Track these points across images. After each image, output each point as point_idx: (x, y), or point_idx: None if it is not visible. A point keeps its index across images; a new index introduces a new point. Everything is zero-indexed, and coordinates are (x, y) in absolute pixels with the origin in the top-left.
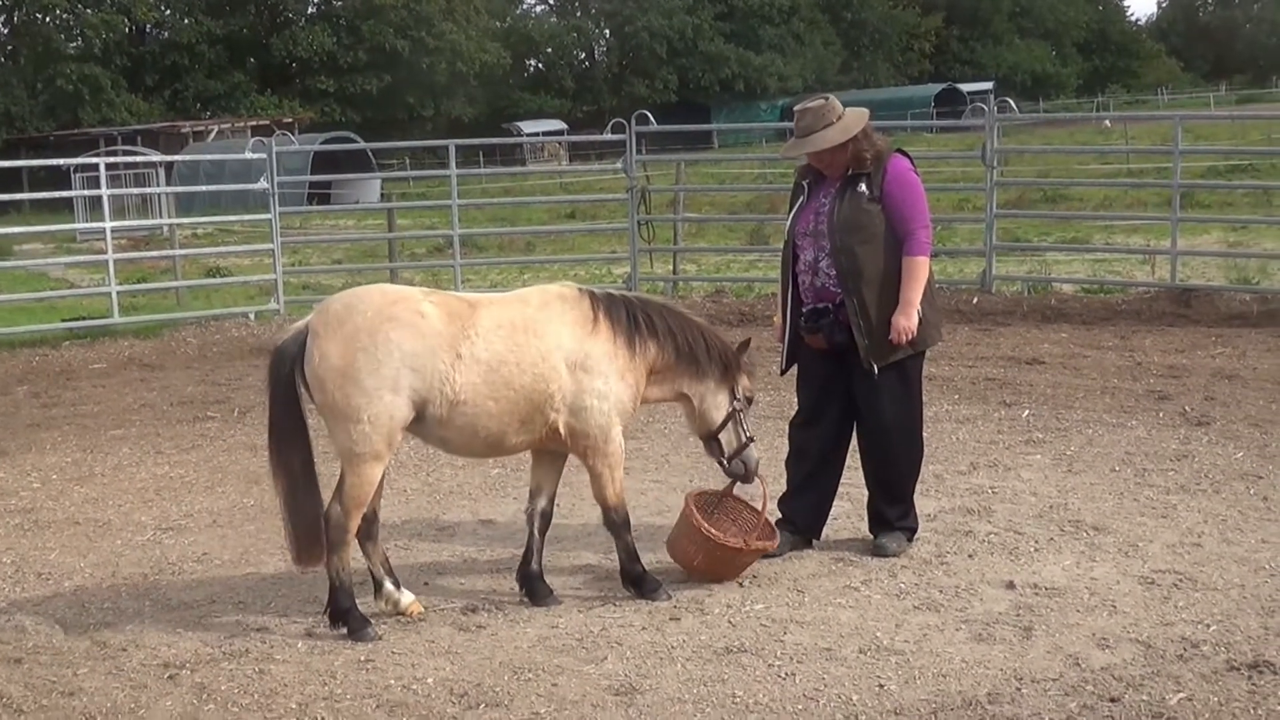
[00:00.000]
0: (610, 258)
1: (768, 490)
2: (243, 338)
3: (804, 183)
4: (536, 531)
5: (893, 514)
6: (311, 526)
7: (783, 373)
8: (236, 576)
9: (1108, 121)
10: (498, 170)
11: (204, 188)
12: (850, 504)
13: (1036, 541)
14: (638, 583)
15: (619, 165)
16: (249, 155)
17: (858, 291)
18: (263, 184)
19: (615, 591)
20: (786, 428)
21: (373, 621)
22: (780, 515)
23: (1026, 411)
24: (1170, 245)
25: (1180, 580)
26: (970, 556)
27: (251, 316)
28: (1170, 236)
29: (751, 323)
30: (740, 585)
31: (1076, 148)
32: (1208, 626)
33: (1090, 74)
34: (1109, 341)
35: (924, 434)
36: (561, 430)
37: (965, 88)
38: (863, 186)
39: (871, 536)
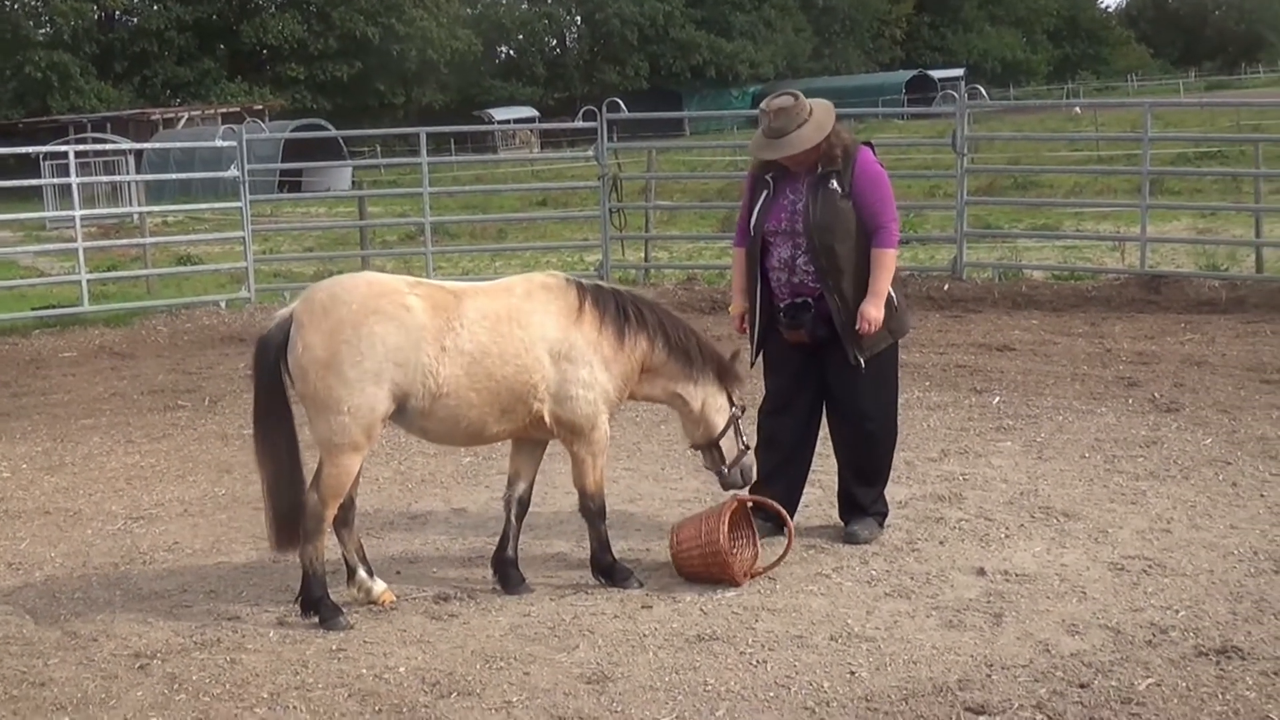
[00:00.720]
0: (582, 245)
1: (792, 530)
2: (214, 326)
3: (767, 177)
4: (513, 518)
5: (866, 499)
6: (293, 514)
7: (751, 365)
8: (208, 565)
9: (1078, 108)
10: (469, 158)
11: (174, 175)
12: (821, 490)
13: (1007, 528)
14: (608, 572)
15: (590, 152)
16: (219, 143)
17: (839, 289)
18: (233, 171)
19: (587, 579)
20: (756, 415)
21: (345, 610)
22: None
23: (997, 398)
24: (1140, 232)
25: (1149, 566)
26: (941, 543)
27: (222, 304)
28: (1140, 223)
29: (723, 310)
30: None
31: (1047, 135)
32: (1176, 612)
33: (1060, 61)
34: (1079, 328)
35: (895, 425)
36: (547, 419)
37: (936, 74)
38: (834, 183)
39: (843, 523)
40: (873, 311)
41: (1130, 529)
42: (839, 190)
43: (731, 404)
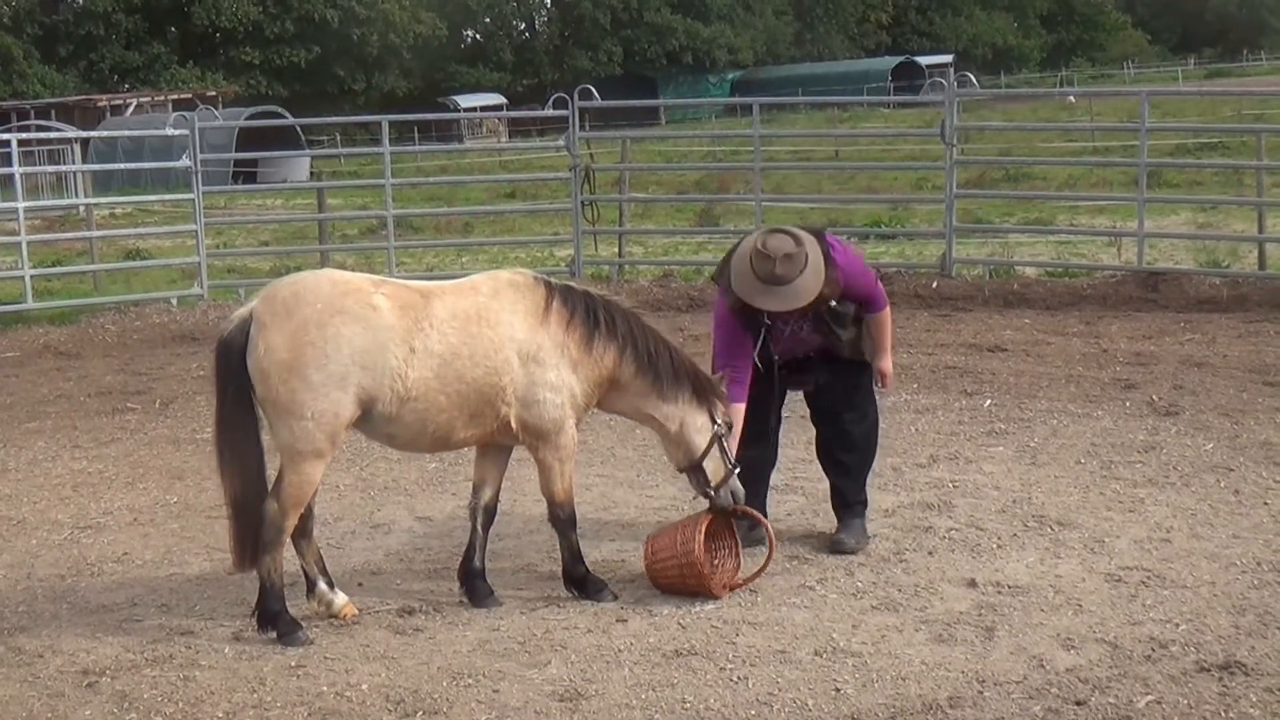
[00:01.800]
0: (552, 240)
1: (773, 539)
2: (164, 324)
3: (760, 314)
4: (479, 527)
5: (854, 495)
6: (258, 529)
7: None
8: (159, 577)
9: (1072, 97)
10: (433, 147)
11: (122, 165)
12: (805, 498)
13: (999, 538)
14: (581, 584)
15: (561, 142)
16: (170, 131)
17: (842, 342)
18: (185, 161)
19: (559, 592)
20: None
21: (304, 625)
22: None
23: (988, 401)
24: (1137, 227)
25: (1148, 578)
26: (930, 554)
27: (174, 301)
28: (1137, 217)
29: (701, 307)
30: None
31: (1039, 124)
32: (1177, 626)
33: (1054, 47)
34: (1074, 327)
35: (881, 424)
36: (513, 423)
37: (924, 60)
38: (834, 300)
39: (835, 522)
40: (888, 366)
41: (1128, 538)
42: (836, 302)
43: (714, 421)
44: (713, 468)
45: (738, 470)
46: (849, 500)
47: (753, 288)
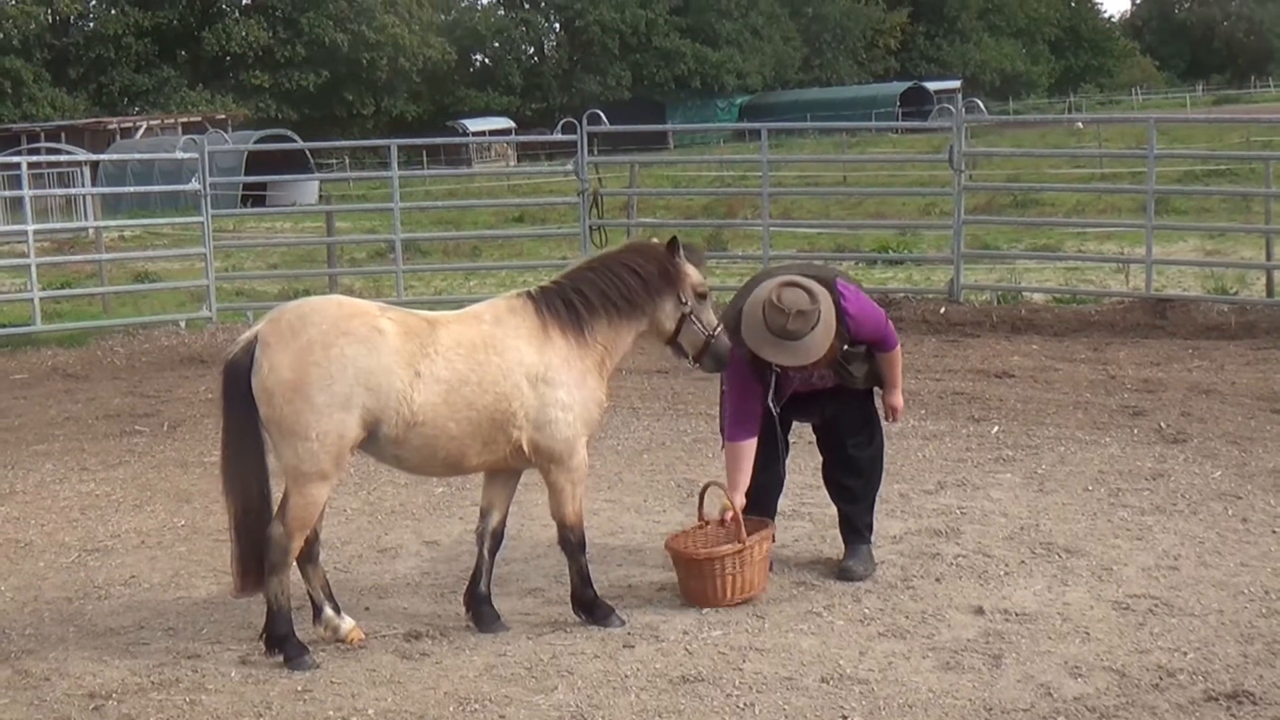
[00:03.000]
0: (560, 264)
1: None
2: (173, 346)
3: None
4: (486, 552)
5: (860, 521)
6: (261, 553)
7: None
8: (166, 601)
9: (1080, 123)
10: (442, 171)
11: (132, 188)
12: (811, 524)
13: (1006, 565)
14: (589, 608)
15: (569, 166)
16: (179, 154)
17: (854, 378)
18: (194, 184)
19: (566, 617)
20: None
21: (311, 649)
22: None
23: (996, 427)
24: (1145, 253)
25: (1156, 605)
26: (937, 580)
27: (182, 324)
28: (1145, 244)
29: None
30: (698, 611)
31: (1048, 150)
32: (1185, 654)
33: (1062, 73)
34: (1081, 354)
35: (887, 450)
36: (525, 446)
37: (932, 86)
38: (846, 346)
39: (842, 548)
40: (899, 401)
41: (1136, 566)
42: (849, 346)
43: (680, 301)
44: (688, 341)
45: (718, 331)
46: (856, 526)
47: (763, 340)
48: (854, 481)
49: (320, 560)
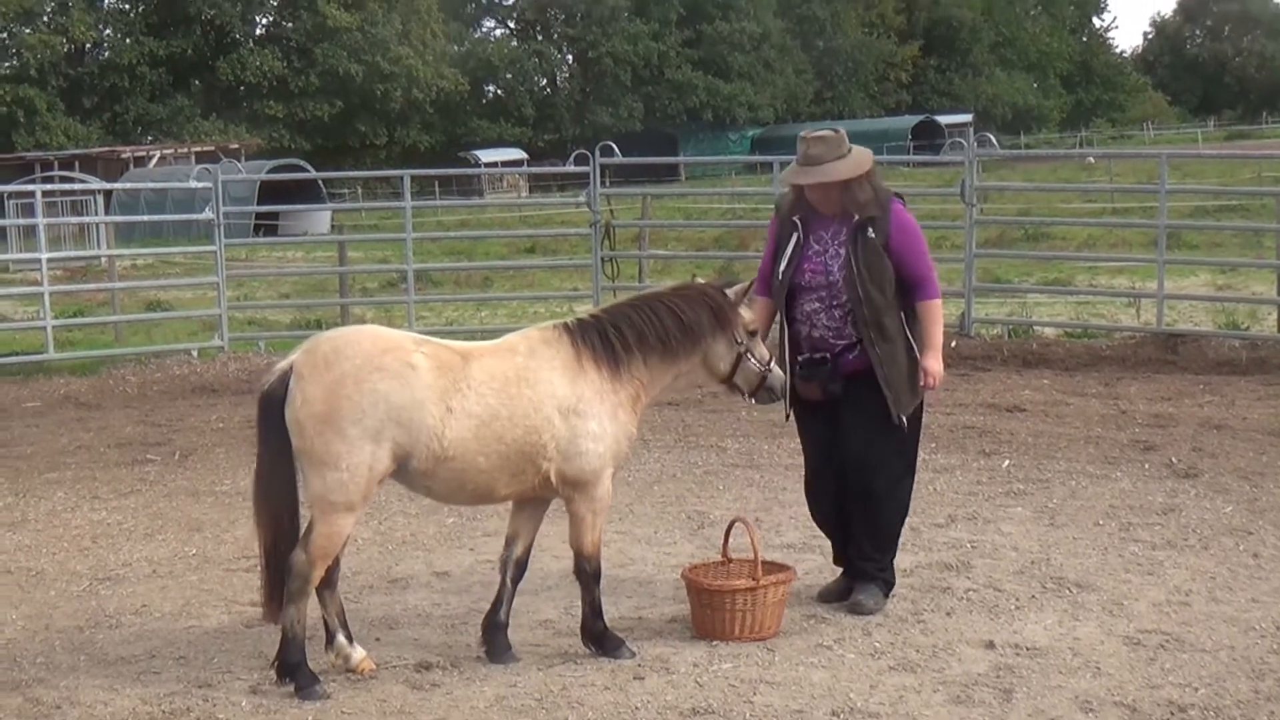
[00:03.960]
0: (572, 295)
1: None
2: (185, 375)
3: (795, 219)
4: (508, 580)
5: (872, 566)
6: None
7: (786, 419)
8: (177, 630)
9: (1091, 158)
10: (454, 201)
11: (145, 217)
12: (823, 557)
13: (1017, 599)
14: (599, 640)
15: (581, 198)
16: (193, 183)
17: (880, 343)
18: (207, 213)
19: (576, 648)
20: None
21: (321, 679)
22: (842, 565)
23: (1007, 461)
24: (1156, 288)
25: (1167, 641)
26: (948, 614)
27: (194, 353)
28: (1156, 278)
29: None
30: (709, 644)
31: (1059, 185)
32: (1196, 690)
33: (1074, 108)
34: (1093, 388)
35: (910, 489)
36: (553, 476)
37: (943, 120)
38: (872, 233)
39: (851, 587)
40: (936, 365)
41: (1147, 601)
42: (877, 240)
43: (735, 341)
44: (744, 380)
45: (771, 366)
46: (867, 554)
47: (790, 171)
48: (871, 512)
49: (338, 588)
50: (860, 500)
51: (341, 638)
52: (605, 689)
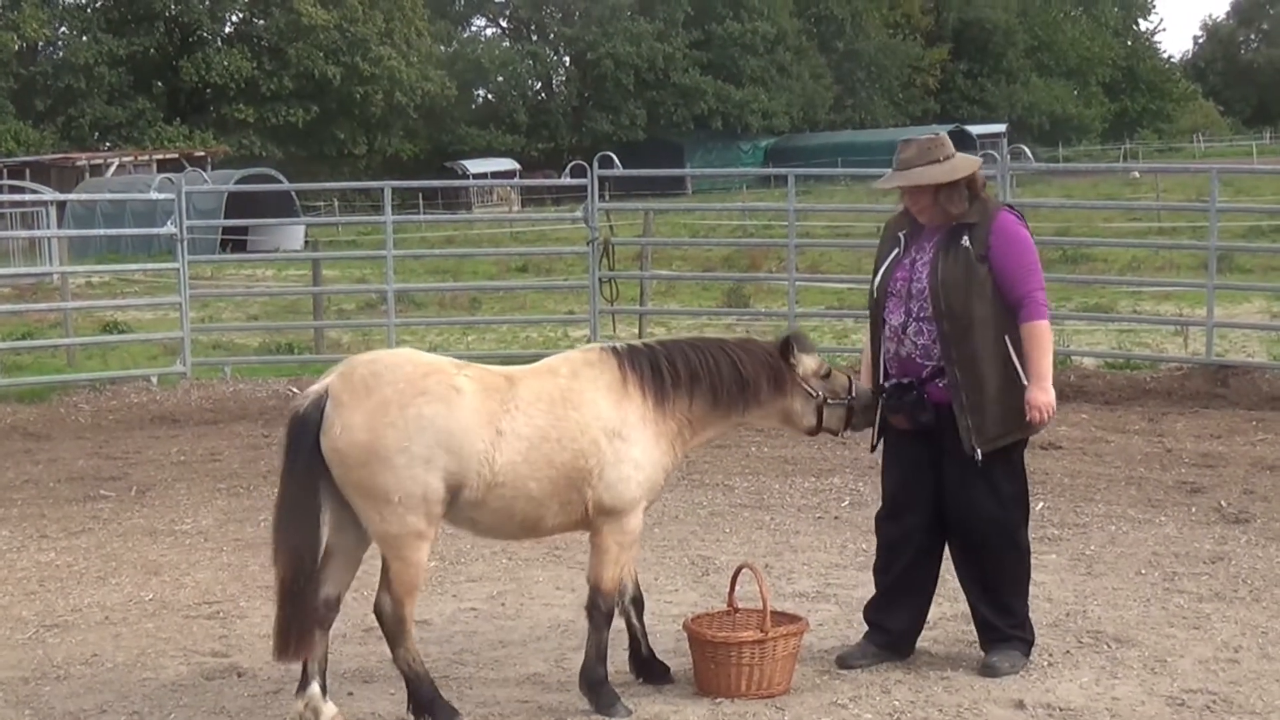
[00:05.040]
0: (567, 319)
1: (765, 586)
2: (143, 404)
3: (900, 234)
4: (634, 619)
5: (1003, 622)
6: (306, 619)
7: (873, 449)
8: (131, 682)
9: (1136, 172)
10: (439, 217)
11: (101, 231)
12: (838, 607)
13: (1051, 654)
14: (595, 689)
15: (578, 213)
16: (154, 194)
17: (962, 361)
18: (169, 227)
19: (567, 704)
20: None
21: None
22: (869, 624)
23: (1041, 504)
24: (1206, 315)
25: (1214, 702)
26: (974, 671)
27: (154, 380)
28: (1206, 305)
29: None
30: (714, 702)
31: (1101, 202)
32: None
33: (1117, 117)
34: (1135, 424)
35: (1025, 537)
36: (591, 508)
37: (975, 130)
38: (966, 240)
39: (982, 653)
40: (1043, 397)
41: (1192, 658)
42: (972, 249)
43: (811, 394)
44: (831, 423)
45: (856, 400)
46: (993, 624)
47: (886, 177)
48: (987, 573)
49: (330, 631)
50: (967, 553)
51: (316, 687)
52: None
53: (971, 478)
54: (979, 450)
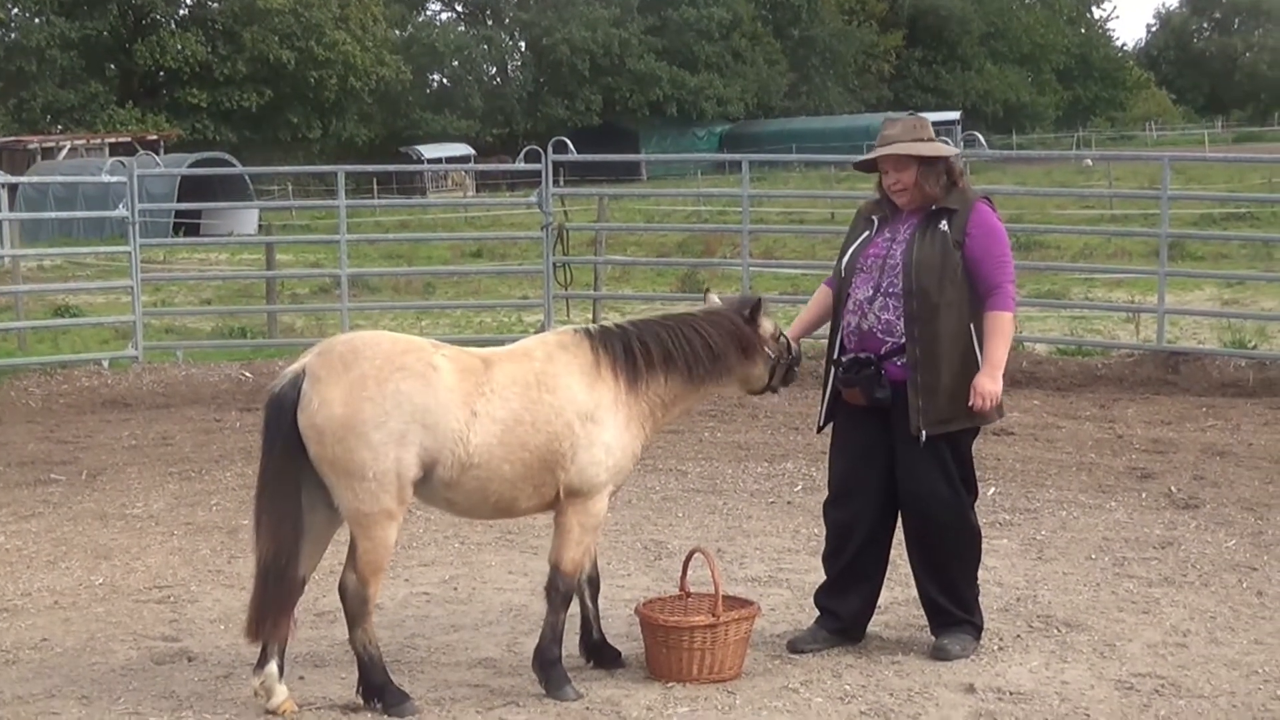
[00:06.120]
0: (521, 304)
1: (717, 570)
2: (94, 388)
3: (873, 217)
4: (588, 600)
5: (954, 607)
6: (283, 600)
7: (819, 430)
8: (81, 667)
9: (1089, 160)
10: (394, 201)
11: (53, 214)
12: (790, 592)
13: (1001, 639)
14: (547, 670)
15: (533, 198)
16: (106, 177)
17: (924, 341)
18: (121, 211)
19: (520, 688)
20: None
21: (412, 697)
22: (820, 609)
23: (992, 489)
24: (1157, 302)
25: (1163, 686)
26: (925, 655)
27: (105, 364)
28: (1157, 292)
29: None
30: (665, 686)
31: (1054, 189)
32: None
33: (1070, 105)
34: (1087, 411)
35: (975, 519)
36: (561, 490)
37: (929, 117)
38: (944, 225)
39: (932, 638)
40: (991, 385)
41: (1141, 642)
42: (950, 235)
43: (767, 359)
44: (778, 380)
45: (794, 358)
46: (943, 606)
47: (868, 153)
48: (939, 555)
49: (294, 613)
50: (923, 541)
51: (274, 667)
52: None
53: (923, 459)
54: (924, 431)
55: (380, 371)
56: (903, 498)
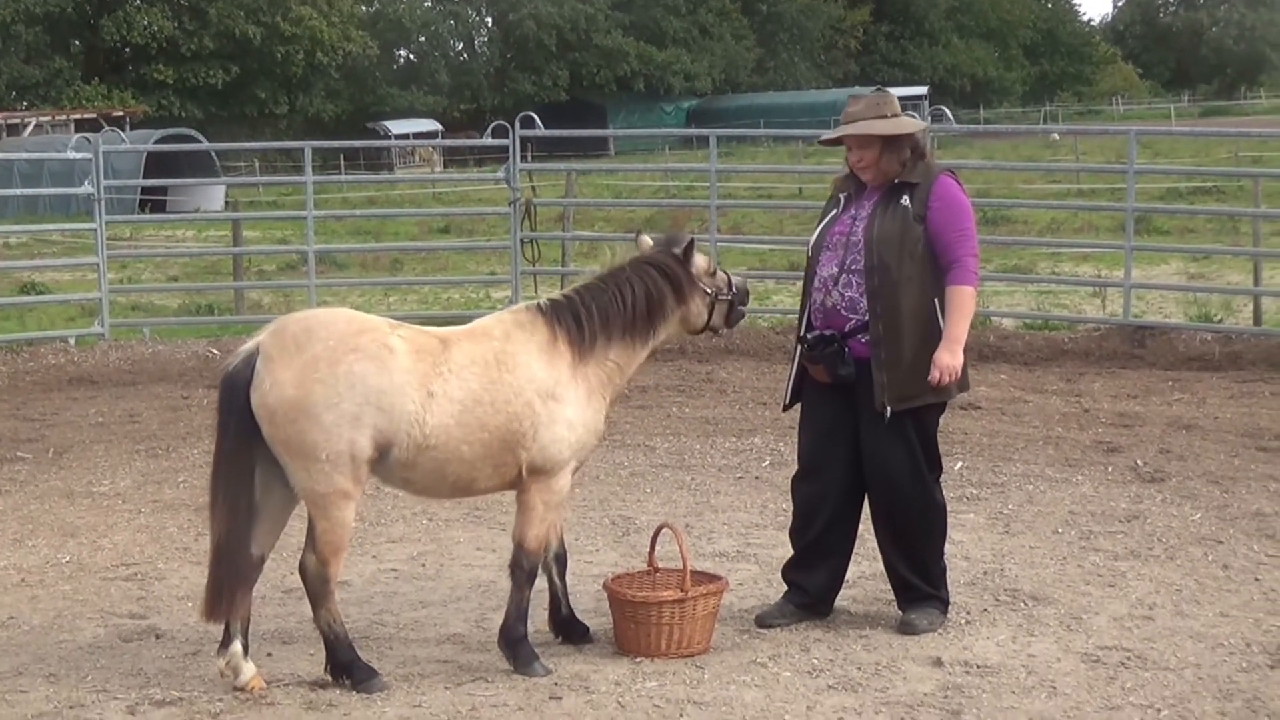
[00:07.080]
0: (489, 280)
1: (685, 545)
2: (61, 365)
3: (840, 195)
4: (555, 577)
5: (920, 581)
6: (238, 580)
7: (785, 408)
8: (48, 644)
9: (1056, 134)
10: (361, 177)
11: (18, 190)
12: (758, 567)
13: (968, 612)
14: (514, 648)
15: (500, 174)
16: (71, 154)
17: (886, 316)
18: (87, 187)
19: (488, 664)
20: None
21: (380, 672)
22: (787, 584)
23: (959, 464)
24: (1123, 276)
25: (1129, 658)
26: (892, 629)
27: (71, 341)
28: (1124, 266)
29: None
30: (634, 661)
31: (1020, 164)
32: (1159, 711)
33: (1037, 80)
34: (1053, 385)
35: (940, 494)
36: (524, 468)
37: (896, 92)
38: (906, 200)
39: (899, 611)
40: (949, 359)
41: (1107, 615)
42: (911, 209)
43: (705, 294)
44: (719, 318)
45: (736, 294)
46: (911, 582)
47: (832, 131)
48: (904, 529)
49: (252, 591)
50: (889, 516)
51: (238, 645)
52: (519, 709)
53: (888, 434)
54: (889, 408)
55: (333, 352)
56: (868, 473)
